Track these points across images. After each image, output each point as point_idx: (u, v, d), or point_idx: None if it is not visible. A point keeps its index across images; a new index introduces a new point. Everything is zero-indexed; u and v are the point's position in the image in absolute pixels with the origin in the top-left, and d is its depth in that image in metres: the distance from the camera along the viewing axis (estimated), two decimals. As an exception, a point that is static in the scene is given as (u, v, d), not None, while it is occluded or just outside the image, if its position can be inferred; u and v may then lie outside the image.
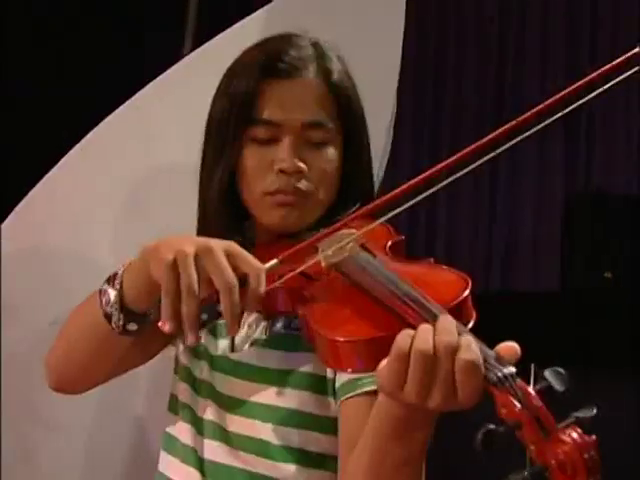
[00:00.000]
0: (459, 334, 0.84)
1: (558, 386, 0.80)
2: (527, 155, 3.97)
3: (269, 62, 1.18)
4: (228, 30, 1.75)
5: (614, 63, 0.98)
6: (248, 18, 1.77)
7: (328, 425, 1.11)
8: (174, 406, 1.26)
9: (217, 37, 1.74)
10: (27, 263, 1.69)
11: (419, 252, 4.30)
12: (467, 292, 0.93)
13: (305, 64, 1.19)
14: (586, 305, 3.05)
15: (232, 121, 1.19)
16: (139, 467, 1.67)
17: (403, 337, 0.84)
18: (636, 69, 1.02)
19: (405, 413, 0.89)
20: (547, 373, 0.81)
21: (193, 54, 1.81)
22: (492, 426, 0.77)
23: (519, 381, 0.81)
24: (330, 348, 0.91)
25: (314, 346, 0.95)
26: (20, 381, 1.52)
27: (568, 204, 3.57)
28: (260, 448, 1.13)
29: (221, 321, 1.18)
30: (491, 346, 0.86)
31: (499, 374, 0.81)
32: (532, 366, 2.93)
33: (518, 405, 0.78)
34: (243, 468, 1.14)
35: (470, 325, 0.92)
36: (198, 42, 2.02)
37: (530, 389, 0.80)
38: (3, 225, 1.70)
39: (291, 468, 1.12)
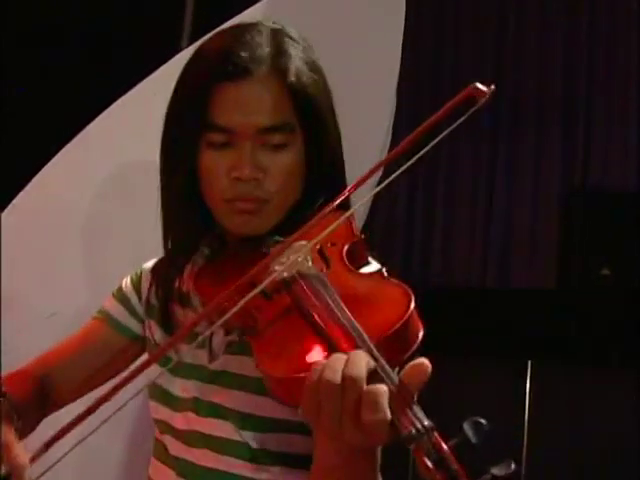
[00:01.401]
0: (376, 372, 0.82)
1: (475, 439, 0.76)
2: (525, 154, 3.97)
3: (220, 64, 1.12)
4: (225, 25, 1.74)
5: (452, 102, 0.98)
6: (244, 13, 1.76)
7: (307, 427, 1.07)
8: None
9: (214, 31, 1.73)
10: (24, 255, 1.69)
11: (416, 251, 4.30)
12: (409, 311, 0.89)
13: (258, 64, 1.12)
14: (583, 303, 3.05)
15: (186, 125, 1.14)
16: (132, 473, 1.67)
17: (316, 367, 0.83)
18: (475, 108, 1.00)
19: (330, 444, 0.87)
20: (465, 425, 0.77)
21: (190, 48, 1.80)
22: None
23: (435, 436, 0.77)
24: (272, 383, 0.90)
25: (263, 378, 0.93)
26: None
27: (565, 202, 3.57)
28: (242, 451, 1.12)
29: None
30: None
31: (412, 430, 0.78)
32: (529, 364, 2.92)
33: (431, 464, 0.76)
34: (227, 471, 1.13)
35: (419, 338, 0.89)
36: (195, 36, 2.01)
37: (444, 447, 0.76)
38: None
39: (275, 470, 1.11)
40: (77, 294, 1.67)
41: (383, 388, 0.80)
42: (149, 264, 1.33)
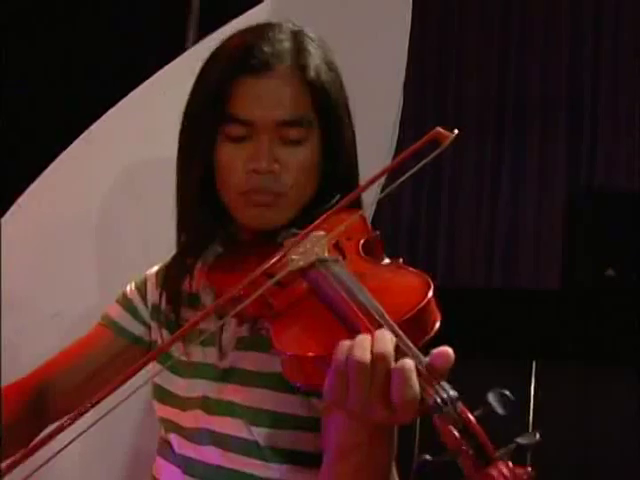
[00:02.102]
0: (399, 348, 0.83)
1: (501, 410, 0.78)
2: (530, 153, 3.97)
3: (242, 58, 1.14)
4: (230, 23, 1.74)
5: (416, 145, 1.03)
6: (251, 11, 1.76)
7: (317, 425, 1.09)
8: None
9: (219, 30, 1.73)
10: (27, 255, 1.69)
11: (421, 250, 4.29)
12: (428, 297, 0.91)
13: (279, 60, 1.15)
14: (588, 303, 3.04)
15: (206, 118, 1.16)
16: (136, 470, 1.67)
17: (342, 347, 0.84)
18: (440, 149, 1.03)
19: (350, 426, 0.89)
20: (490, 396, 0.78)
21: (195, 47, 1.80)
22: (427, 457, 0.76)
23: (460, 406, 0.78)
24: (291, 364, 0.90)
25: (280, 361, 0.93)
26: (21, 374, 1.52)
27: (570, 202, 3.56)
28: (251, 449, 1.12)
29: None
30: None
31: (438, 399, 0.79)
32: (533, 364, 2.91)
33: (457, 433, 0.77)
34: (235, 469, 1.13)
35: (436, 326, 0.91)
36: (201, 35, 2.01)
37: (470, 416, 0.78)
38: (4, 218, 1.70)
39: (283, 468, 1.11)
40: (83, 294, 1.67)
41: (411, 363, 0.81)
42: (153, 270, 1.33)
